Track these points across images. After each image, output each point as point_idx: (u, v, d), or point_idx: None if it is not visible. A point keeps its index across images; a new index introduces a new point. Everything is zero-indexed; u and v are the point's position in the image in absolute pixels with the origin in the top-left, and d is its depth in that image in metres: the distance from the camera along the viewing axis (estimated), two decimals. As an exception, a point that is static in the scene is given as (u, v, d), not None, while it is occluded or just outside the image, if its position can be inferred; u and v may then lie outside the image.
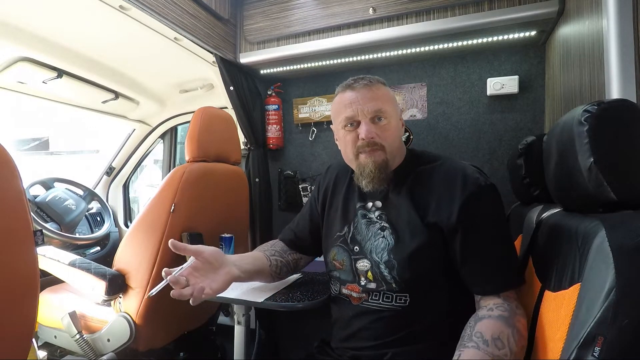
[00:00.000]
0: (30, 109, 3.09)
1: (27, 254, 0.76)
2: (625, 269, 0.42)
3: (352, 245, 0.87)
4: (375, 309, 0.81)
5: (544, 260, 0.69)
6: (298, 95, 1.89)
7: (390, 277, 0.79)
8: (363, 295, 0.83)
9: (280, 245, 1.05)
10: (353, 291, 0.85)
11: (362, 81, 0.85)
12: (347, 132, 0.85)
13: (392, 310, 0.79)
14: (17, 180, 0.72)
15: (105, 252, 2.01)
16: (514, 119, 1.53)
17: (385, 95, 0.84)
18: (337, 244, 0.91)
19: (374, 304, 0.81)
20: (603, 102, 0.55)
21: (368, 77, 0.86)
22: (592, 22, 0.86)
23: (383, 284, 0.80)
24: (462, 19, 1.31)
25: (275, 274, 0.98)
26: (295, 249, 1.05)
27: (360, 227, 0.87)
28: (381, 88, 0.85)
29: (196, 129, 1.33)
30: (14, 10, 1.15)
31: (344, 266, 0.88)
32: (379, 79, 0.87)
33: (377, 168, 0.81)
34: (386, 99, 0.84)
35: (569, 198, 0.65)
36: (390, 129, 0.83)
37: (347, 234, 0.89)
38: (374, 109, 0.82)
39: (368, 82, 0.84)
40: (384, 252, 0.80)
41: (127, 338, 1.23)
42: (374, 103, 0.82)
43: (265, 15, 1.58)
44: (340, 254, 0.89)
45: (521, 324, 0.67)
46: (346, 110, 0.84)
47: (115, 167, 2.29)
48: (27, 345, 0.78)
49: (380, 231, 0.83)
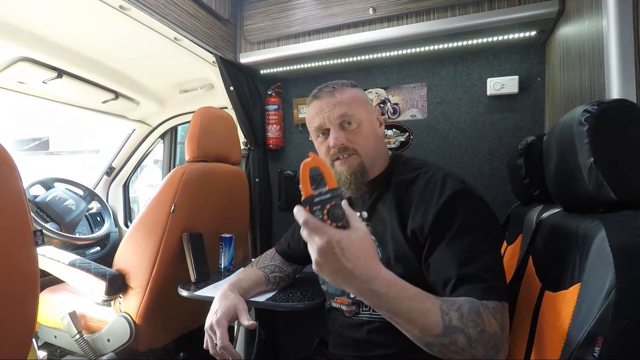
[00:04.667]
0: (30, 109, 3.09)
1: (27, 254, 0.76)
2: (625, 269, 0.42)
3: None
4: (367, 320, 0.80)
5: (544, 260, 0.69)
6: (298, 95, 1.89)
7: None
8: (353, 307, 0.82)
9: (278, 258, 1.07)
10: (342, 304, 0.85)
11: (326, 88, 0.83)
12: (320, 143, 0.84)
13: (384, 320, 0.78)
14: (17, 180, 0.72)
15: (105, 252, 2.01)
16: (514, 119, 1.53)
17: (351, 97, 0.81)
18: None
19: (366, 315, 0.80)
20: (603, 102, 0.55)
21: (333, 83, 0.83)
22: (592, 22, 0.86)
23: None
24: (462, 19, 1.31)
25: (276, 288, 1.04)
26: (290, 260, 1.07)
27: None
28: (346, 91, 0.82)
29: (196, 129, 1.33)
30: (14, 10, 1.15)
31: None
32: (346, 82, 0.84)
33: (352, 174, 0.80)
34: (353, 101, 0.81)
35: (569, 198, 0.65)
36: (361, 132, 0.80)
37: None
38: (339, 114, 0.80)
39: (331, 89, 0.82)
40: None
41: (127, 338, 1.23)
42: (339, 108, 0.80)
43: (265, 15, 1.58)
44: None
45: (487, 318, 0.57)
46: (315, 120, 0.83)
47: (115, 167, 2.29)
48: (27, 345, 0.78)
49: None
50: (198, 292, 1.09)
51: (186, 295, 1.10)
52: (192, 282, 1.21)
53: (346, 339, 0.85)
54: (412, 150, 1.68)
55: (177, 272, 1.26)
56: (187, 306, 1.38)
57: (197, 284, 1.19)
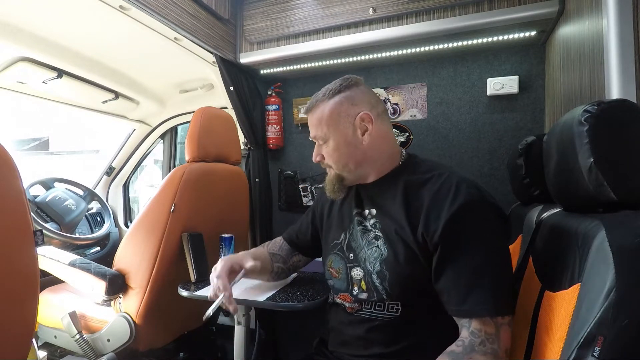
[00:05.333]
0: (30, 109, 3.09)
1: (27, 254, 0.76)
2: (625, 269, 0.42)
3: (347, 252, 0.87)
4: (368, 318, 0.80)
5: (544, 261, 0.69)
6: (298, 95, 1.89)
7: (382, 287, 0.78)
8: (355, 305, 0.83)
9: (286, 247, 1.08)
10: (345, 301, 0.85)
11: (310, 103, 0.87)
12: None
13: (384, 319, 0.78)
14: (17, 180, 0.72)
15: (105, 252, 2.01)
16: (514, 119, 1.53)
17: (320, 117, 0.84)
18: (334, 252, 0.90)
19: (367, 313, 0.81)
20: (603, 102, 0.55)
21: (315, 97, 0.86)
22: (592, 22, 0.86)
23: (374, 294, 0.79)
24: (462, 19, 1.31)
25: (274, 278, 1.06)
26: (296, 249, 1.09)
27: (355, 234, 0.86)
28: (317, 110, 0.84)
29: (196, 129, 1.33)
30: (14, 10, 1.15)
31: (339, 274, 0.87)
32: (322, 96, 0.85)
33: (330, 182, 0.88)
34: (321, 120, 0.84)
35: (569, 198, 0.65)
36: (328, 151, 0.85)
37: (343, 241, 0.89)
38: (313, 135, 0.87)
39: (307, 109, 0.87)
40: (376, 261, 0.79)
41: (127, 338, 1.23)
42: (313, 129, 0.87)
43: (265, 15, 1.58)
44: (336, 262, 0.89)
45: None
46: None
47: (115, 167, 2.29)
48: (27, 345, 0.78)
49: (375, 240, 0.81)
50: (198, 292, 1.09)
51: (186, 295, 1.10)
52: (192, 282, 1.21)
53: (346, 336, 0.85)
54: (412, 150, 1.67)
55: (177, 272, 1.26)
56: (187, 306, 1.38)
57: (197, 284, 1.19)
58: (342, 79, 0.85)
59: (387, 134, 0.86)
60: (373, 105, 0.84)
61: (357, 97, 0.83)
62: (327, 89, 0.84)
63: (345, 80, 0.85)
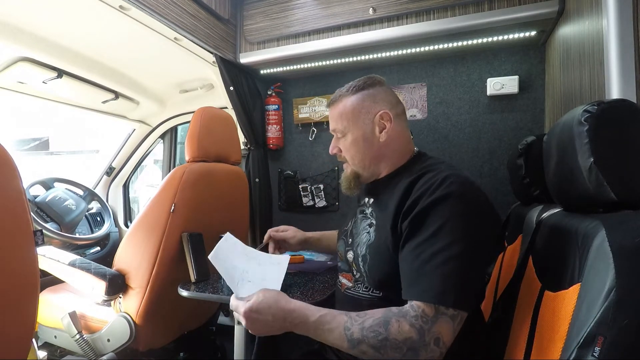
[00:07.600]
0: (30, 109, 3.09)
1: (27, 254, 0.76)
2: (625, 269, 0.42)
3: (348, 238, 0.91)
4: (355, 297, 0.84)
5: (543, 260, 0.69)
6: (298, 95, 1.89)
7: (364, 270, 0.81)
8: (351, 284, 0.86)
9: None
10: (345, 279, 0.89)
11: (333, 97, 0.89)
12: None
13: (369, 299, 0.80)
14: (17, 180, 0.72)
15: (105, 252, 2.01)
16: (514, 119, 1.53)
17: (341, 110, 0.86)
18: (341, 237, 0.96)
19: (356, 293, 0.84)
20: (603, 102, 0.55)
21: (340, 91, 0.88)
22: (592, 22, 0.86)
23: (361, 275, 0.83)
24: (462, 19, 1.31)
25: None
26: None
27: (357, 221, 0.90)
28: (339, 105, 0.87)
29: (196, 129, 1.33)
30: (14, 10, 1.15)
31: (342, 257, 0.93)
32: (345, 91, 0.87)
33: (345, 179, 0.90)
34: (342, 114, 0.86)
35: (569, 198, 0.65)
36: (345, 145, 0.88)
37: (349, 228, 0.93)
38: (332, 128, 0.89)
39: (331, 102, 0.90)
40: (364, 246, 0.82)
41: (127, 338, 1.23)
42: (332, 122, 0.89)
43: (265, 15, 1.58)
44: (341, 246, 0.95)
45: (398, 326, 0.62)
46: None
47: (115, 167, 2.29)
48: (27, 346, 0.78)
49: (368, 227, 0.85)
50: (198, 292, 1.09)
51: (186, 295, 1.10)
52: (192, 282, 1.21)
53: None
54: (412, 150, 1.68)
55: (177, 272, 1.26)
56: (187, 306, 1.38)
57: (197, 284, 1.19)
58: (366, 77, 0.88)
59: (403, 133, 0.90)
60: (393, 105, 0.87)
61: (378, 96, 0.87)
62: (351, 85, 0.87)
63: (368, 78, 0.88)
